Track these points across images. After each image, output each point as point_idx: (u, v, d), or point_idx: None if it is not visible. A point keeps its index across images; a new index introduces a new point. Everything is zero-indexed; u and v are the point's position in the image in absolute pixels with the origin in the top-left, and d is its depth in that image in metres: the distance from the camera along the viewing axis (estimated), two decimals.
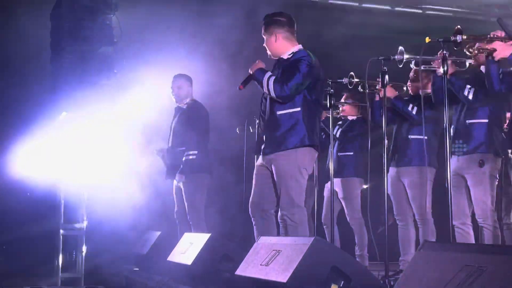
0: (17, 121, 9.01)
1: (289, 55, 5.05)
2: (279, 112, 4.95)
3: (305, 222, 4.98)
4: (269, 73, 4.96)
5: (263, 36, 5.15)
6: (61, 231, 8.71)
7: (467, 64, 5.18)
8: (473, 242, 5.28)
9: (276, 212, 5.05)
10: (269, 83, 4.90)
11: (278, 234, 5.07)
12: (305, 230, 4.93)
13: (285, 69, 4.97)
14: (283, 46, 5.09)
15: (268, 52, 5.18)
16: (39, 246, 8.90)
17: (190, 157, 6.88)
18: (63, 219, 8.79)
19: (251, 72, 5.08)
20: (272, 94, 4.90)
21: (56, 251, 8.65)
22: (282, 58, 5.11)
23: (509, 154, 5.31)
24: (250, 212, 5.17)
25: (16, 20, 8.53)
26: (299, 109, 4.90)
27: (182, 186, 6.98)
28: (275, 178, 4.99)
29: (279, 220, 5.04)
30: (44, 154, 8.99)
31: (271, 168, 5.01)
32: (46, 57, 9.26)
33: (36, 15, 9.03)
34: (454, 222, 4.96)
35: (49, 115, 8.79)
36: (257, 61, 5.11)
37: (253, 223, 5.17)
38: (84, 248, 8.63)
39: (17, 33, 8.73)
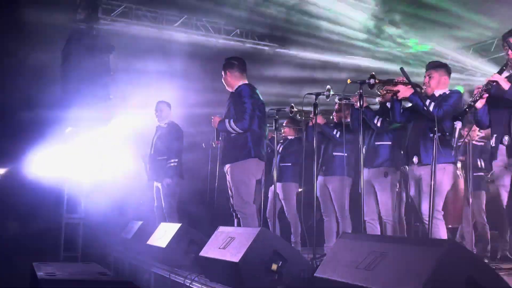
0: (33, 135, 8.91)
1: (234, 89, 5.14)
2: (232, 135, 5.02)
3: (254, 214, 4.99)
4: (226, 120, 5.01)
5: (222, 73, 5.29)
6: (64, 220, 8.64)
7: (377, 100, 5.27)
8: (379, 233, 5.36)
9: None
10: (231, 126, 4.96)
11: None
12: (254, 220, 4.95)
13: (234, 105, 5.04)
14: (232, 81, 5.19)
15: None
16: (47, 231, 8.74)
17: (172, 164, 6.87)
18: (66, 210, 8.71)
19: (215, 127, 5.19)
20: (238, 130, 4.94)
21: (60, 235, 8.55)
22: (232, 92, 5.19)
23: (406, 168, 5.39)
24: (232, 210, 5.16)
25: (33, 57, 8.40)
26: (236, 133, 4.99)
27: (161, 187, 6.94)
28: (230, 183, 5.03)
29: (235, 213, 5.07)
30: (53, 160, 8.91)
31: (228, 175, 5.05)
32: (57, 84, 9.19)
33: (50, 51, 8.93)
34: (365, 218, 5.04)
35: (57, 130, 8.71)
36: (212, 118, 5.21)
37: (234, 216, 5.16)
38: (81, 233, 8.56)
39: (34, 66, 8.63)
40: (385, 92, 4.78)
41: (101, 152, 8.61)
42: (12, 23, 7.89)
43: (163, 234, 5.73)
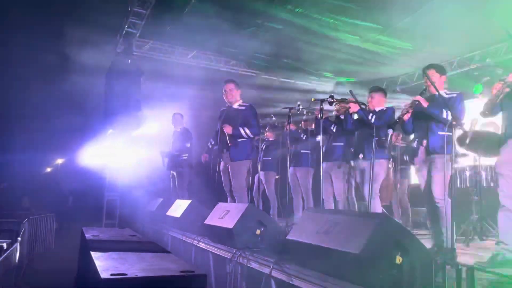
0: (84, 135, 8.94)
1: (239, 106, 5.02)
2: (239, 139, 4.92)
3: (245, 193, 4.98)
4: (240, 128, 4.87)
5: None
6: (105, 197, 8.56)
7: (334, 113, 5.27)
8: (333, 208, 5.38)
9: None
10: (246, 132, 4.86)
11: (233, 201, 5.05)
12: (245, 198, 4.94)
13: (246, 117, 4.90)
14: (234, 96, 5.04)
15: (226, 99, 5.11)
16: (93, 204, 8.68)
17: (184, 157, 6.82)
18: (107, 190, 8.62)
19: (229, 133, 4.91)
20: (251, 136, 4.87)
21: (103, 207, 8.47)
22: (232, 106, 5.05)
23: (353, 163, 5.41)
24: (225, 190, 5.12)
25: (85, 78, 8.33)
26: (247, 138, 4.92)
27: (176, 174, 6.90)
28: (230, 172, 4.98)
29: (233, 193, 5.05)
30: (98, 153, 8.85)
31: (229, 167, 5.00)
32: (102, 99, 9.13)
33: (97, 75, 8.87)
34: (323, 197, 5.04)
35: (101, 132, 8.67)
36: (224, 127, 4.94)
37: (227, 195, 5.13)
38: (118, 206, 8.49)
39: (86, 85, 8.57)
40: (339, 107, 4.79)
41: (133, 148, 8.57)
42: (68, 58, 7.81)
43: (178, 208, 5.70)
